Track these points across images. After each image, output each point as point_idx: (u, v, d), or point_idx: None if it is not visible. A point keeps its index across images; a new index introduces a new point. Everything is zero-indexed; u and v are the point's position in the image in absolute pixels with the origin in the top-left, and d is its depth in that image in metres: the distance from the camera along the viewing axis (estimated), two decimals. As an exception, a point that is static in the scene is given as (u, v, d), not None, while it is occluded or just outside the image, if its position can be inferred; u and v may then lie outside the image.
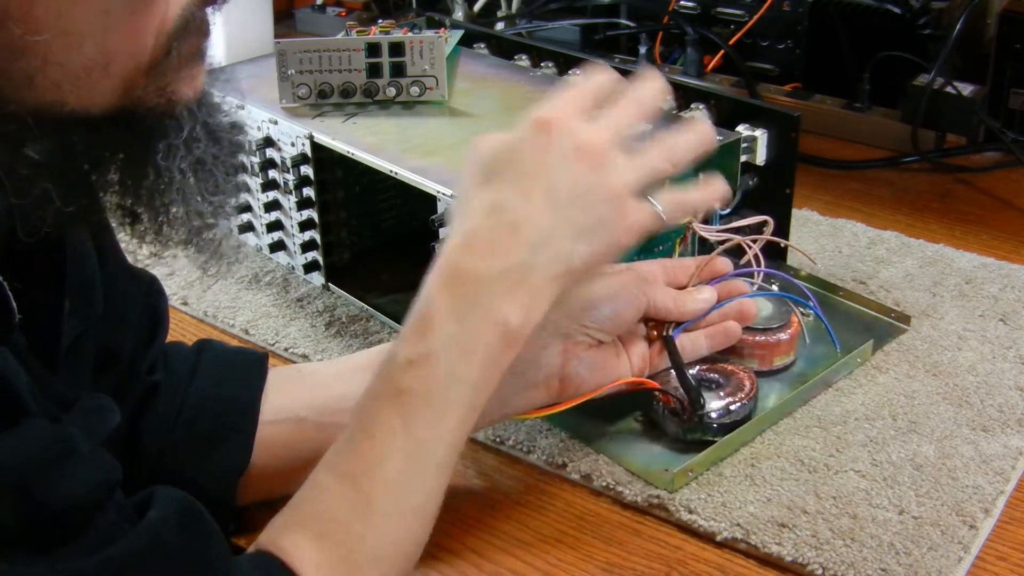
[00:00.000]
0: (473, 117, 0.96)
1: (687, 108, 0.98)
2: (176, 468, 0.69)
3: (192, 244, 0.59)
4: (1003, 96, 1.20)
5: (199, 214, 0.57)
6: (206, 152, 0.56)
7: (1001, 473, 0.73)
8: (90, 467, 0.51)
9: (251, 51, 1.26)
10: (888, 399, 0.81)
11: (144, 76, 0.52)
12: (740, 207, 0.93)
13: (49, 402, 0.53)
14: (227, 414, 0.71)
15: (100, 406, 0.59)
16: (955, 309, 0.92)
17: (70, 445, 0.51)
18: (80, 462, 0.51)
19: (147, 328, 0.72)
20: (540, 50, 1.13)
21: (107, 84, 0.51)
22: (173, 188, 0.55)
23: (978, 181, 1.17)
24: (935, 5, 1.27)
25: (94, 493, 0.51)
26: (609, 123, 0.65)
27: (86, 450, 0.51)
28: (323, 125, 0.94)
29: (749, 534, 0.69)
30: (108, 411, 0.59)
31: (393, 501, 0.58)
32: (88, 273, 0.64)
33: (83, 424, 0.55)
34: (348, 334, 0.92)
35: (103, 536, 0.50)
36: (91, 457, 0.52)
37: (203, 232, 0.58)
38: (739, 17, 1.37)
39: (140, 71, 0.51)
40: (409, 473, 0.59)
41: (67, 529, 0.49)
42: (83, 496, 0.50)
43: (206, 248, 0.60)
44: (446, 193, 0.81)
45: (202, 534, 0.55)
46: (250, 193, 1.02)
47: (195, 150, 0.55)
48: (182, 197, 0.56)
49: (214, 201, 0.58)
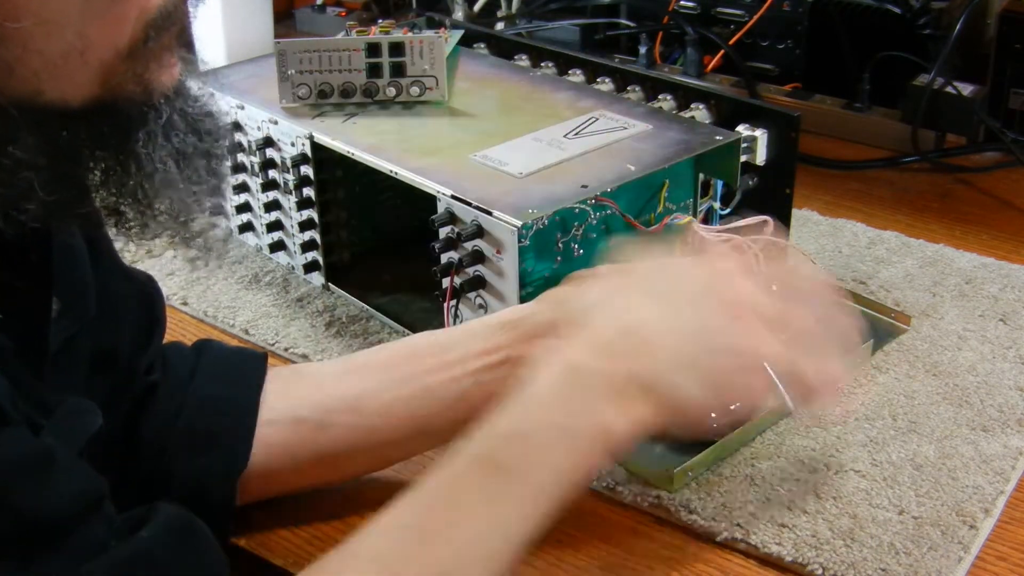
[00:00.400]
0: (473, 117, 0.96)
1: (687, 108, 0.98)
2: (175, 468, 0.69)
3: (178, 237, 0.58)
4: (1003, 96, 1.20)
5: (183, 206, 0.57)
6: (186, 142, 0.56)
7: (1001, 473, 0.73)
8: (70, 478, 0.51)
9: (251, 51, 1.26)
10: (888, 399, 0.81)
11: (122, 63, 0.51)
12: (740, 207, 0.93)
13: (30, 406, 0.52)
14: (226, 414, 0.71)
15: (81, 409, 0.58)
16: (955, 309, 0.92)
17: (49, 455, 0.50)
18: (59, 472, 0.50)
19: (144, 328, 0.72)
20: (540, 50, 1.13)
21: (85, 72, 0.50)
22: (156, 180, 0.55)
23: (978, 181, 1.17)
24: (935, 5, 1.27)
25: (74, 503, 0.50)
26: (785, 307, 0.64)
27: (65, 460, 0.51)
28: (323, 125, 0.94)
29: (749, 534, 0.69)
30: (90, 414, 0.58)
31: (458, 568, 0.55)
32: (80, 273, 0.64)
33: (63, 429, 0.54)
34: (348, 334, 0.92)
35: (85, 550, 0.50)
36: (71, 468, 0.51)
37: (189, 225, 0.58)
38: (739, 17, 1.37)
39: (119, 58, 0.51)
40: (480, 545, 0.56)
41: (46, 541, 0.49)
42: (63, 506, 0.50)
43: (193, 241, 0.59)
44: (446, 193, 0.81)
45: (196, 553, 0.55)
46: (250, 193, 1.02)
47: (174, 140, 0.55)
48: (165, 189, 0.55)
49: (197, 191, 0.57)
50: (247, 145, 0.99)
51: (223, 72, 1.08)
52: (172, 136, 0.55)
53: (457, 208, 0.80)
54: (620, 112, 0.94)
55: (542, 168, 0.84)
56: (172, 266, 1.03)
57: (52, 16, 0.48)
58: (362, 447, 0.71)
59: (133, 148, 0.54)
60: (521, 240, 0.76)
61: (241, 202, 1.03)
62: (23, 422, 0.50)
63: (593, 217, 0.80)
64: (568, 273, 0.78)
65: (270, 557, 0.71)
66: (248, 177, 1.01)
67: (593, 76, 1.07)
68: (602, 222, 0.80)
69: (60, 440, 0.53)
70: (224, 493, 0.70)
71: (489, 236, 0.78)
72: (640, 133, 0.89)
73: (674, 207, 0.86)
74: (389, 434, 0.71)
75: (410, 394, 0.71)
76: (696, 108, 0.97)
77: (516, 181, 0.82)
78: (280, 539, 0.72)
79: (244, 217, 1.04)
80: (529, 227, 0.76)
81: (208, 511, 0.69)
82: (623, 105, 0.96)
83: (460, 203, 0.80)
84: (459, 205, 0.80)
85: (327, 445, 0.71)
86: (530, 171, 0.83)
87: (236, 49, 1.36)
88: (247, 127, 0.99)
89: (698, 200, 0.88)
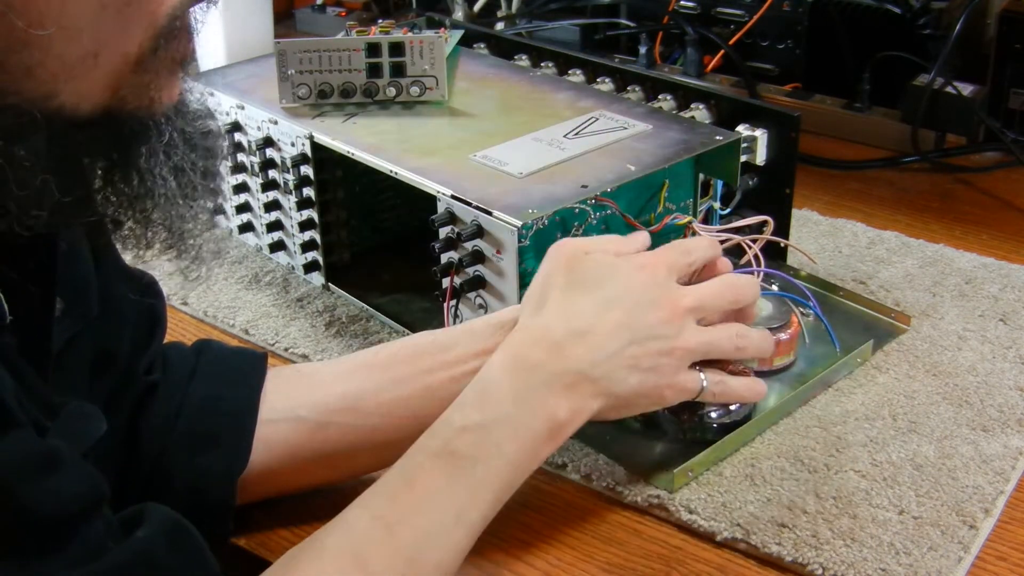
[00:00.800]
0: (473, 117, 0.96)
1: (687, 108, 0.98)
2: (175, 468, 0.69)
3: (172, 248, 0.60)
4: (1003, 96, 1.20)
5: (180, 219, 0.59)
6: (184, 158, 0.58)
7: (1001, 473, 0.73)
8: (74, 478, 0.51)
9: (251, 51, 1.26)
10: (888, 399, 0.81)
11: (131, 72, 0.52)
12: (740, 207, 0.93)
13: (35, 407, 0.53)
14: (226, 414, 0.71)
15: (86, 414, 0.58)
16: (955, 309, 0.92)
17: (55, 455, 0.51)
18: (64, 473, 0.51)
19: (145, 329, 0.72)
20: (540, 50, 1.13)
21: (96, 78, 0.51)
22: (155, 194, 0.56)
23: (978, 181, 1.17)
24: (935, 5, 1.27)
25: (78, 504, 0.51)
26: (699, 293, 0.70)
27: (71, 461, 0.51)
28: (323, 125, 0.94)
29: (749, 534, 0.69)
30: (94, 419, 0.59)
31: (422, 553, 0.60)
32: (82, 274, 0.64)
33: (68, 432, 0.55)
34: (348, 334, 0.92)
35: (88, 551, 0.50)
36: (76, 468, 0.52)
37: (184, 237, 0.60)
38: (739, 17, 1.37)
39: (128, 66, 0.52)
40: (443, 530, 0.61)
41: (50, 541, 0.49)
42: (67, 507, 0.50)
43: (187, 253, 0.61)
44: (446, 193, 0.81)
45: (193, 553, 0.56)
46: (250, 193, 1.02)
47: (173, 156, 0.57)
48: (164, 202, 0.57)
49: (194, 206, 0.59)
50: (247, 145, 0.99)
51: (223, 72, 1.08)
52: (172, 154, 0.57)
53: (457, 208, 0.80)
54: (620, 112, 0.94)
55: (542, 168, 0.84)
56: (172, 266, 1.02)
57: (71, 21, 0.49)
58: (362, 447, 0.71)
59: (135, 161, 0.55)
60: (521, 240, 0.76)
61: (241, 202, 1.03)
62: (29, 423, 0.50)
63: (593, 217, 0.80)
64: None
65: (270, 557, 0.71)
66: (248, 177, 1.01)
67: (593, 76, 1.07)
68: (602, 222, 0.80)
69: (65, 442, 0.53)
70: (224, 493, 0.70)
71: (489, 236, 0.78)
72: (640, 133, 0.90)
73: (674, 207, 0.86)
74: (389, 434, 0.71)
75: (410, 394, 0.71)
76: (696, 108, 0.97)
77: (516, 181, 0.82)
78: (280, 539, 0.72)
79: (244, 217, 1.04)
80: (529, 227, 0.76)
81: (208, 511, 0.69)
82: (623, 105, 0.96)
83: (460, 203, 0.80)
84: (459, 205, 0.80)
85: (327, 445, 0.71)
86: (530, 171, 0.83)
87: (236, 49, 1.36)
88: (247, 127, 0.99)
89: (698, 200, 0.88)
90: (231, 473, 0.70)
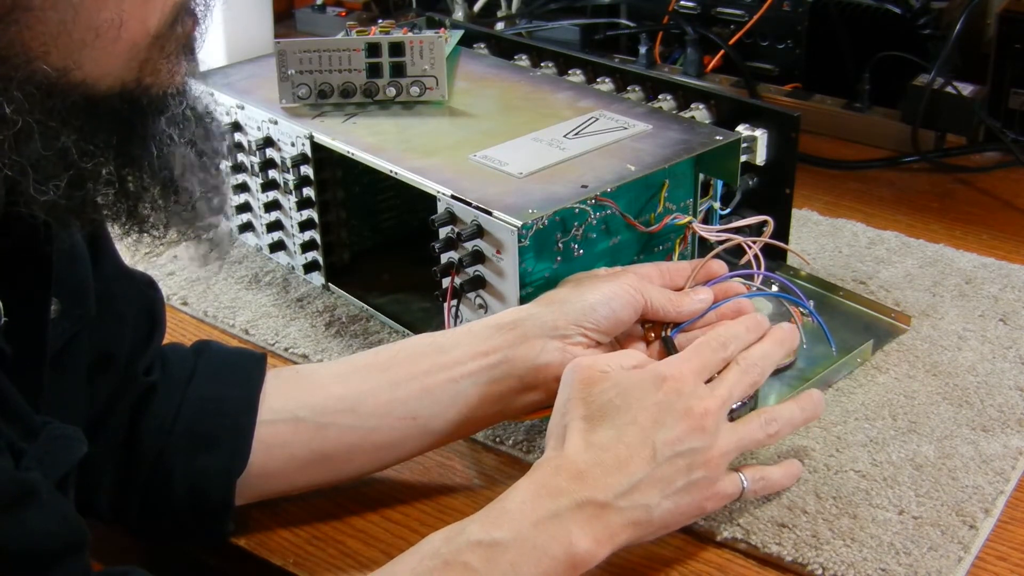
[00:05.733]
0: (473, 117, 0.96)
1: (687, 108, 0.98)
2: (175, 469, 0.69)
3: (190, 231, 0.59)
4: (1003, 96, 1.20)
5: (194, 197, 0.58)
6: (196, 136, 0.57)
7: (1001, 473, 0.73)
8: (49, 515, 0.51)
9: (251, 51, 1.26)
10: (888, 399, 0.81)
11: (148, 48, 0.53)
12: (740, 207, 0.93)
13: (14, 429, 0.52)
14: (225, 415, 0.71)
15: (67, 436, 0.58)
16: (955, 309, 0.92)
17: (29, 489, 0.50)
18: (38, 509, 0.50)
19: (144, 329, 0.72)
20: (540, 50, 1.13)
21: (116, 50, 0.52)
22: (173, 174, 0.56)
23: (978, 181, 1.17)
24: (935, 5, 1.27)
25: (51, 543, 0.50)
26: (724, 390, 0.67)
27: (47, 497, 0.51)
28: (323, 125, 0.94)
29: (749, 534, 0.69)
30: (75, 441, 0.58)
31: None
32: (80, 275, 0.64)
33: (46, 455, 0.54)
34: (348, 334, 0.92)
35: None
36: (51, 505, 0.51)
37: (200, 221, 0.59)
38: (739, 17, 1.37)
39: (147, 40, 0.52)
40: None
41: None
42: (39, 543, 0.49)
43: (203, 236, 0.60)
44: (446, 193, 0.81)
45: None
46: (250, 193, 1.02)
47: (186, 134, 0.57)
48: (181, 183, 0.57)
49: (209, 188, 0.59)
50: (247, 145, 0.99)
51: (223, 72, 1.08)
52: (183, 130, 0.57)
53: (457, 208, 0.80)
54: (620, 112, 0.94)
55: (542, 168, 0.84)
56: (172, 266, 1.03)
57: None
58: (361, 447, 0.71)
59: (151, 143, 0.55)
60: (521, 240, 0.76)
61: (241, 202, 1.03)
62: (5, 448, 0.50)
63: (593, 217, 0.80)
64: (568, 274, 0.78)
65: (270, 557, 0.71)
66: (248, 177, 1.01)
67: (593, 76, 1.07)
68: (602, 222, 0.80)
69: (42, 468, 0.53)
70: (223, 493, 0.70)
71: (489, 236, 0.78)
72: (640, 133, 0.89)
73: (674, 207, 0.86)
74: (388, 435, 0.71)
75: (409, 395, 0.71)
76: (696, 108, 0.97)
77: (516, 181, 0.82)
78: (280, 539, 0.72)
79: (244, 217, 1.04)
80: (529, 227, 0.76)
81: (207, 511, 0.69)
82: (623, 105, 0.96)
83: (460, 203, 0.80)
84: (459, 205, 0.80)
85: (326, 446, 0.71)
86: (530, 171, 0.83)
87: (236, 49, 1.36)
88: (247, 127, 0.99)
89: (698, 200, 0.88)
90: (230, 473, 0.70)
